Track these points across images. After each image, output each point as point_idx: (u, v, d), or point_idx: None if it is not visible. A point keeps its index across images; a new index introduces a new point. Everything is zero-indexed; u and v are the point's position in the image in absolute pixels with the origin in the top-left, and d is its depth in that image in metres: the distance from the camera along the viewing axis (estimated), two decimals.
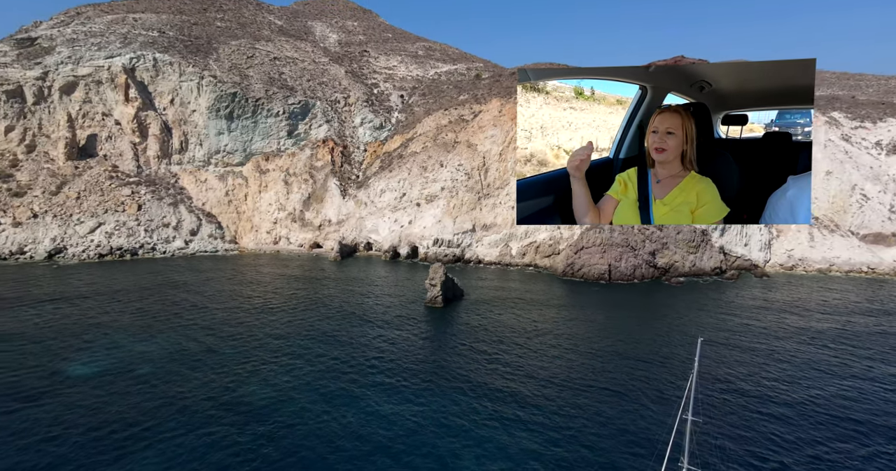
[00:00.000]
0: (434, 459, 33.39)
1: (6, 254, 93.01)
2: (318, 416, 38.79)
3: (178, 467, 31.53)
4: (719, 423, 38.70)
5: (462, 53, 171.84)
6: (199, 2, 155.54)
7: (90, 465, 31.57)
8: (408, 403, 41.11)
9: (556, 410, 39.94)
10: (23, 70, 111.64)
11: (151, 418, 37.67)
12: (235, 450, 33.60)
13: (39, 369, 46.19)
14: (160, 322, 60.58)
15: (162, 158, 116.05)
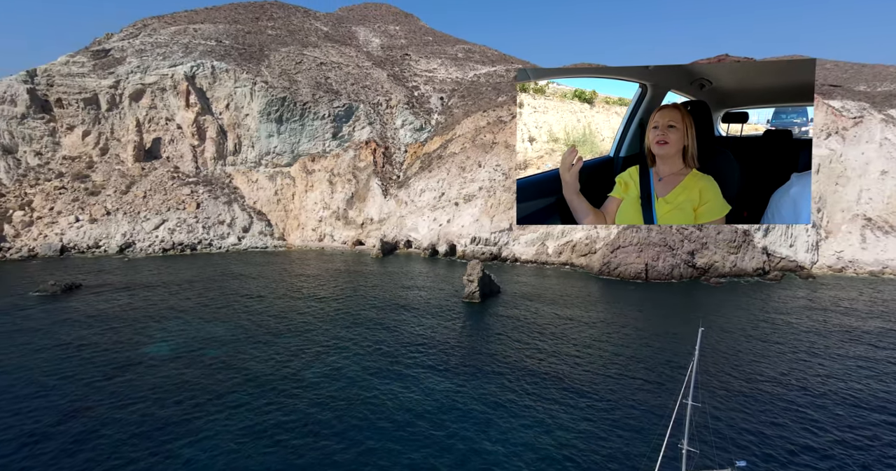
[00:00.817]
0: (469, 424, 37.07)
1: (84, 247, 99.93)
2: (364, 390, 42.56)
3: (247, 429, 35.74)
4: (755, 413, 38.13)
5: (501, 55, 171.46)
6: (252, 11, 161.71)
7: (173, 425, 36.00)
8: (445, 382, 44.29)
9: (576, 394, 42.17)
10: (98, 79, 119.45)
11: (222, 388, 41.95)
12: (295, 415, 37.72)
13: (124, 347, 50.96)
14: (222, 309, 64.98)
15: (217, 159, 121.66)
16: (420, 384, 43.89)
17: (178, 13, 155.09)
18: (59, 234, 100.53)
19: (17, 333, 54.13)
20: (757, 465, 33.95)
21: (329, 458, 32.73)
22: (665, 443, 29.87)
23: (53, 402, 38.93)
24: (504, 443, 34.60)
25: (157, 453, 32.49)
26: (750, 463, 32.76)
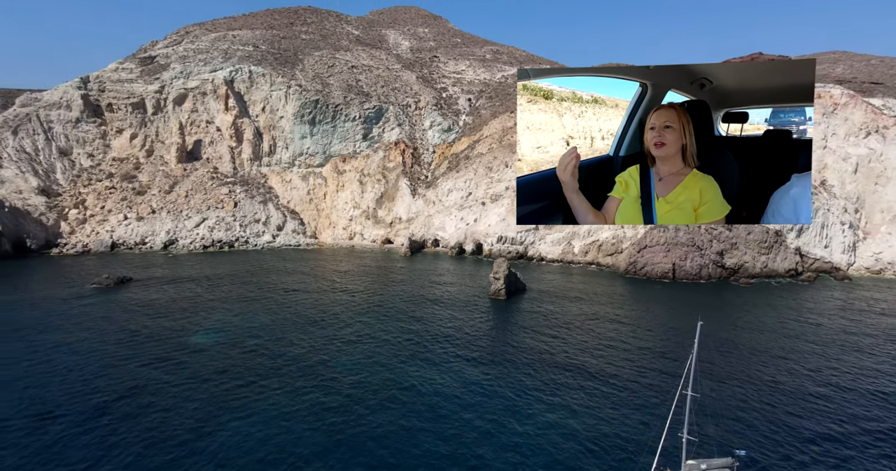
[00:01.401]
0: (493, 407, 39.49)
1: (132, 244, 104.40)
2: (397, 375, 45.12)
3: (289, 407, 38.35)
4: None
5: (529, 55, 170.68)
6: (287, 16, 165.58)
7: (221, 403, 39.00)
8: (471, 369, 46.87)
9: (594, 385, 43.90)
10: (145, 85, 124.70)
11: (264, 372, 44.89)
12: (333, 397, 40.55)
13: (173, 334, 54.33)
14: (260, 301, 68.02)
15: (254, 160, 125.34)
16: (448, 371, 46.30)
17: (218, 20, 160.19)
18: (109, 231, 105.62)
19: (80, 321, 58.13)
20: (768, 456, 34.22)
21: (367, 434, 35.27)
22: (665, 431, 30.79)
23: (115, 381, 42.58)
24: (523, 425, 36.79)
25: (207, 427, 35.44)
26: (751, 452, 33.11)
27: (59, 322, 57.60)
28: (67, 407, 38.02)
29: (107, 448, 32.83)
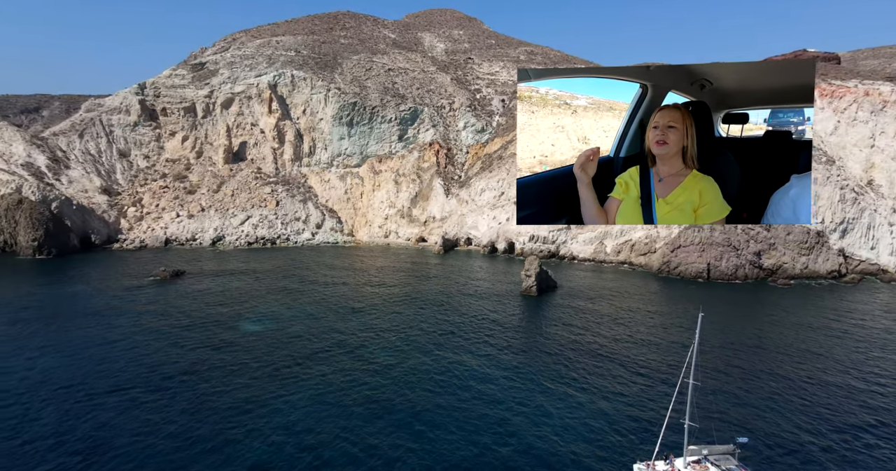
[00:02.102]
0: (520, 390, 42.20)
1: (183, 240, 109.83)
2: (433, 361, 47.85)
3: (330, 390, 41.47)
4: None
5: (564, 55, 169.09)
6: (326, 22, 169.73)
7: (270, 383, 42.42)
8: (501, 356, 49.54)
9: (613, 377, 45.47)
10: (195, 90, 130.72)
11: (308, 357, 48.19)
12: (367, 385, 42.99)
13: (224, 322, 58.62)
14: (302, 294, 71.51)
15: (294, 160, 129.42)
16: (480, 358, 48.95)
17: (263, 27, 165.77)
18: (163, 228, 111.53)
19: (144, 309, 63.56)
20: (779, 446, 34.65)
21: (405, 410, 38.29)
22: (667, 417, 32.17)
23: (177, 360, 46.90)
24: (545, 407, 39.22)
25: (259, 401, 39.07)
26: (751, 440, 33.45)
27: (125, 309, 62.75)
28: (137, 381, 42.70)
29: (173, 415, 36.98)
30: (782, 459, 33.70)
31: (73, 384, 41.42)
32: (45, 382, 41.83)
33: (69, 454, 31.95)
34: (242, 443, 33.80)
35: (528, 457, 32.85)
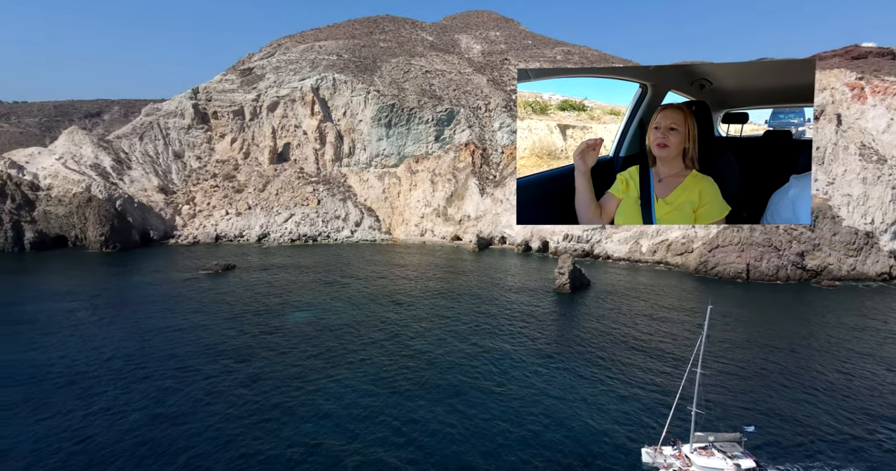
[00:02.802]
0: (548, 380, 44.11)
1: (232, 236, 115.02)
2: (467, 352, 49.99)
3: (374, 375, 44.26)
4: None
5: (601, 55, 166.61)
6: (366, 26, 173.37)
7: (317, 369, 45.45)
8: (532, 348, 51.78)
9: (636, 370, 46.62)
10: (244, 94, 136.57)
11: (350, 346, 51.28)
12: (408, 368, 45.97)
13: (272, 312, 62.06)
14: (343, 288, 74.72)
15: (335, 161, 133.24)
16: (513, 348, 51.02)
17: (306, 32, 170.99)
18: (213, 225, 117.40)
19: (200, 299, 68.27)
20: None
21: (444, 392, 41.02)
22: (674, 405, 33.41)
23: (232, 346, 50.68)
24: (569, 393, 41.39)
25: (306, 385, 42.18)
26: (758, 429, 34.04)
27: (183, 299, 67.25)
28: (201, 360, 46.96)
29: (234, 388, 41.19)
30: (789, 449, 34.02)
31: (147, 363, 46.44)
32: (127, 360, 47.21)
33: (152, 419, 36.42)
34: (296, 412, 37.53)
35: (549, 436, 35.12)
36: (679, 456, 31.57)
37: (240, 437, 34.25)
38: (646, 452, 32.25)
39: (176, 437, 34.09)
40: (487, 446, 33.72)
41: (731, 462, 30.81)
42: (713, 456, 31.38)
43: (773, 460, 32.82)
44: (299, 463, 31.57)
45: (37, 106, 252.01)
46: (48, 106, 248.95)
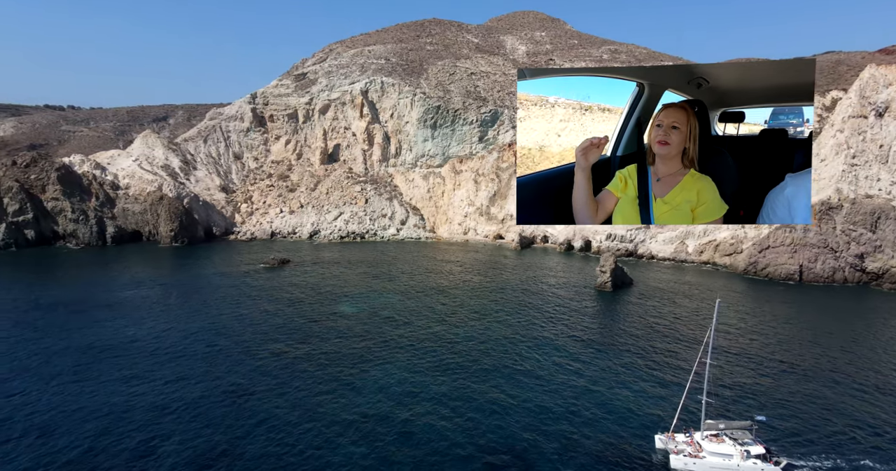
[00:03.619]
0: (579, 370, 46.42)
1: (286, 233, 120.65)
2: (508, 344, 52.54)
3: (418, 363, 47.29)
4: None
5: (650, 53, 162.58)
6: (414, 29, 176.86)
7: (364, 356, 49.03)
8: (569, 342, 53.74)
9: (662, 366, 47.84)
10: (298, 98, 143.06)
11: (397, 335, 54.59)
12: (456, 354, 49.61)
13: (324, 303, 66.37)
14: (390, 282, 78.42)
15: (382, 161, 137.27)
16: (550, 342, 53.31)
17: (356, 37, 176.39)
18: (269, 222, 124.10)
19: (259, 289, 72.87)
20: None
21: (483, 382, 43.34)
22: (685, 394, 34.90)
23: (289, 333, 54.75)
24: (601, 387, 43.02)
25: (355, 370, 45.68)
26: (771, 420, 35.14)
27: (246, 288, 73.09)
28: (263, 344, 51.38)
29: (296, 367, 45.69)
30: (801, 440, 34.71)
31: (217, 343, 51.84)
32: (200, 341, 52.52)
33: (224, 393, 41.16)
34: (354, 385, 42.25)
35: (574, 419, 37.82)
36: (691, 442, 32.92)
37: (304, 406, 38.85)
38: (659, 438, 33.75)
39: (252, 406, 38.71)
40: (524, 421, 37.13)
41: (742, 448, 31.70)
42: (723, 443, 32.40)
43: (784, 449, 33.66)
44: (357, 428, 35.72)
45: (111, 111, 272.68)
46: (121, 111, 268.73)
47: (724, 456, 31.71)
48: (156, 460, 32.12)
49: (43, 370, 44.65)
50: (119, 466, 31.59)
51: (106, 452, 32.92)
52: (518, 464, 32.20)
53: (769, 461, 31.46)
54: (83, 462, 31.86)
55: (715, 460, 31.77)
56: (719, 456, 31.76)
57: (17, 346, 49.85)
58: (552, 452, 33.47)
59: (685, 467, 31.89)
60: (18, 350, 48.78)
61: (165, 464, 31.66)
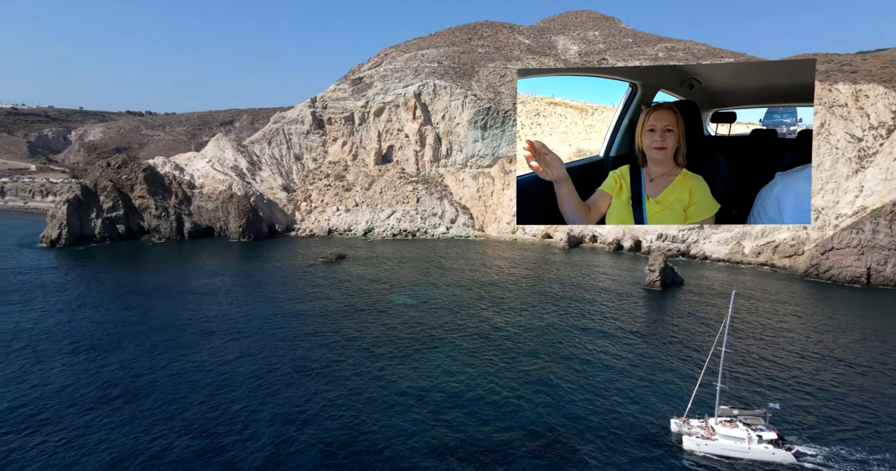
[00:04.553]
0: (615, 365, 47.83)
1: (342, 230, 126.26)
2: (554, 337, 54.47)
3: (469, 348, 50.96)
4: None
5: (710, 49, 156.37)
6: (466, 33, 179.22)
7: (421, 341, 52.73)
8: (616, 335, 55.71)
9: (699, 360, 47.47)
10: (354, 101, 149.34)
11: (449, 325, 58.01)
12: (506, 340, 52.94)
13: (380, 295, 70.70)
14: (441, 277, 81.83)
15: (433, 162, 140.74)
16: (595, 335, 55.05)
17: (410, 41, 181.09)
18: (326, 219, 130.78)
19: (320, 281, 78.79)
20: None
21: (527, 369, 46.20)
22: (699, 380, 36.51)
23: (349, 321, 59.23)
24: (637, 379, 44.37)
25: (410, 353, 49.62)
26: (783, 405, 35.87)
27: (308, 279, 78.60)
28: (326, 330, 55.87)
29: (353, 353, 49.56)
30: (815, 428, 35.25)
31: (285, 326, 57.46)
32: (272, 323, 58.41)
33: (288, 372, 45.38)
34: (412, 365, 46.10)
35: (604, 402, 40.66)
36: (705, 427, 34.26)
37: (370, 374, 44.25)
38: (674, 422, 35.43)
39: (315, 386, 42.69)
40: (560, 398, 40.90)
41: (754, 434, 32.62)
42: (736, 428, 33.43)
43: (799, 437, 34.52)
44: (415, 396, 40.36)
45: (184, 117, 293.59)
46: (193, 117, 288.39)
47: (735, 440, 32.65)
48: (252, 413, 38.11)
49: (156, 342, 52.40)
50: (239, 401, 39.50)
51: (218, 399, 40.31)
52: (548, 434, 35.55)
53: (781, 447, 32.06)
54: (214, 400, 39.72)
55: (727, 443, 32.75)
56: (731, 439, 32.73)
57: (126, 326, 57.72)
58: (584, 428, 36.29)
59: (697, 448, 33.20)
60: (129, 327, 57.21)
61: (262, 415, 37.80)
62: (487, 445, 33.95)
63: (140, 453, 32.46)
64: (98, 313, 60.88)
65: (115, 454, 32.19)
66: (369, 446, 33.71)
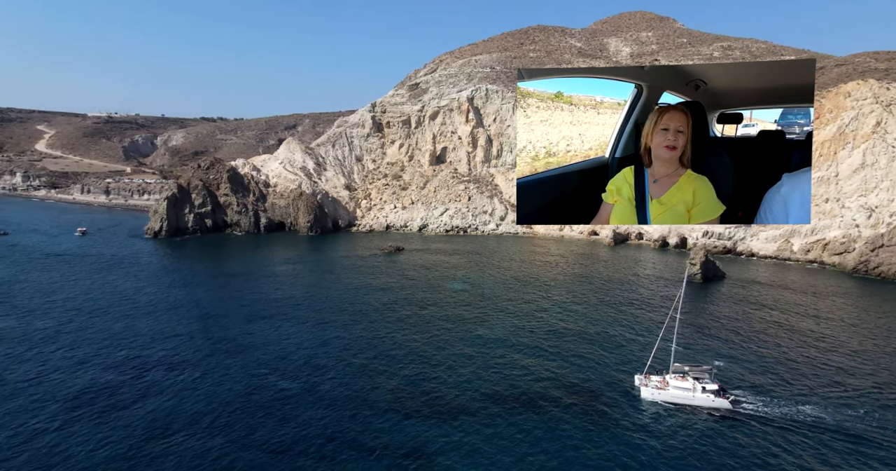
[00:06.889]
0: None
1: (398, 226, 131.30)
2: (590, 324, 58.14)
3: (517, 328, 56.29)
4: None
5: (770, 47, 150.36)
6: (518, 38, 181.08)
7: (471, 320, 58.95)
8: (648, 318, 60.24)
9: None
10: (411, 106, 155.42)
11: (498, 308, 63.68)
12: (550, 323, 58.13)
13: (436, 283, 76.45)
14: (491, 268, 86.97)
15: (484, 162, 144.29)
16: (630, 324, 58.50)
17: (464, 47, 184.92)
18: (384, 216, 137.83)
19: (379, 270, 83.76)
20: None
21: (565, 348, 50.48)
22: (657, 343, 42.61)
23: (406, 305, 64.65)
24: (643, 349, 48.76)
25: (467, 332, 55.39)
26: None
27: (371, 268, 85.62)
28: (387, 309, 62.54)
29: (411, 333, 54.59)
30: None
31: (354, 302, 65.64)
32: (341, 303, 65.24)
33: (363, 335, 53.25)
34: (467, 339, 52.18)
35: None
36: (662, 381, 40.37)
37: (437, 344, 50.83)
38: (637, 378, 41.93)
39: (385, 348, 49.52)
40: (585, 368, 46.63)
41: (699, 385, 39.19)
42: (686, 381, 39.73)
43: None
44: (469, 358, 46.84)
45: (252, 122, 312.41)
46: (261, 122, 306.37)
47: (684, 389, 38.97)
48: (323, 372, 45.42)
49: (251, 312, 61.80)
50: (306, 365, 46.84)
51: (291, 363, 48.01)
52: (564, 388, 42.80)
53: (721, 397, 38.38)
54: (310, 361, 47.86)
55: (676, 392, 39.14)
56: (680, 389, 39.04)
57: (228, 301, 66.87)
58: (579, 382, 42.88)
59: (652, 397, 39.90)
60: (230, 302, 66.57)
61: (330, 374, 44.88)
62: (519, 394, 41.32)
63: (254, 387, 41.96)
64: (207, 290, 71.89)
65: (239, 386, 42.64)
66: (431, 389, 41.37)
